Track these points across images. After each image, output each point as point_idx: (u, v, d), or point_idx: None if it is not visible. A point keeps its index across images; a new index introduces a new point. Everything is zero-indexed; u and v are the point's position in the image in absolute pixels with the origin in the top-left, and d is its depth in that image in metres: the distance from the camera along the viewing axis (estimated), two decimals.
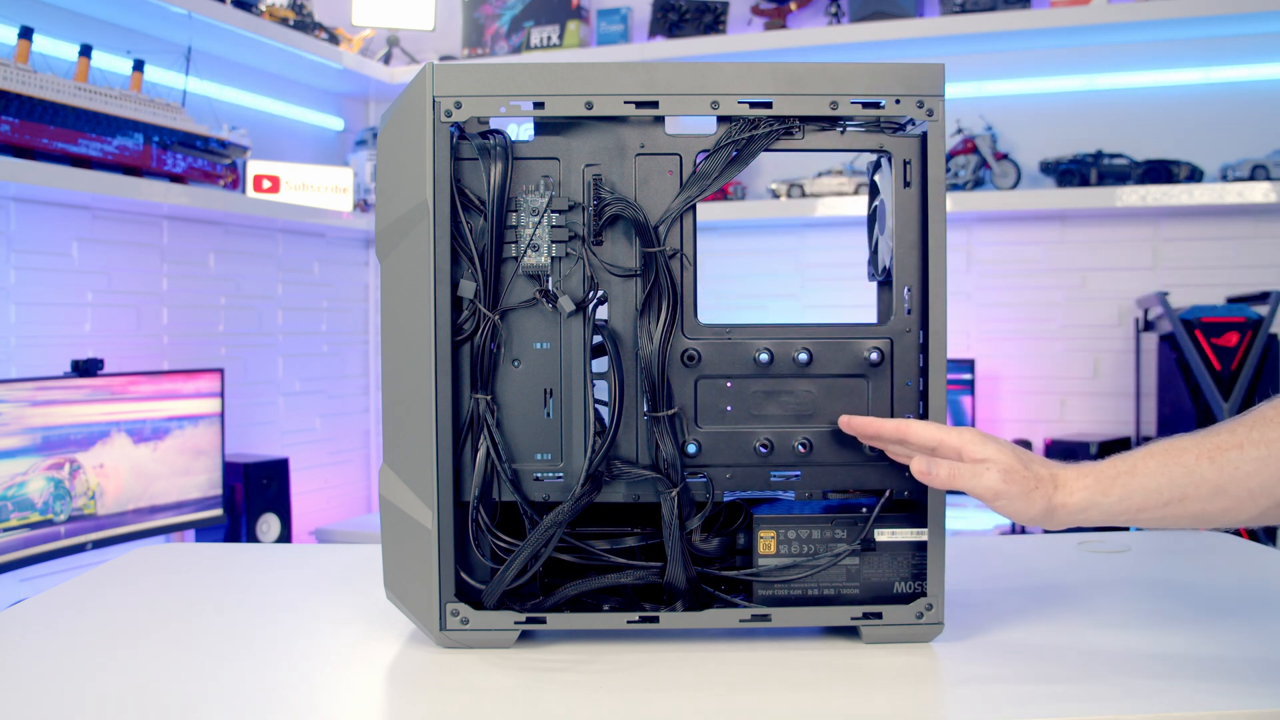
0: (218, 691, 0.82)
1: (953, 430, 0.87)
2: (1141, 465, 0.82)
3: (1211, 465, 0.80)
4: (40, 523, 2.18)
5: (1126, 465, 0.83)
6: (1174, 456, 0.82)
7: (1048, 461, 0.86)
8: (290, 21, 2.89)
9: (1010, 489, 0.83)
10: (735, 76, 0.90)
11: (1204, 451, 0.81)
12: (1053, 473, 0.85)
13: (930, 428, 0.87)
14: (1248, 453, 0.79)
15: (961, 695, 0.82)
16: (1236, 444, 0.80)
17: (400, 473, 0.91)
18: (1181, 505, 0.81)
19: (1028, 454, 0.86)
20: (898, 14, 2.92)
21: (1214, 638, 0.93)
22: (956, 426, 0.87)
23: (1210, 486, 0.80)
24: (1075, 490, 0.83)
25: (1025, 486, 0.83)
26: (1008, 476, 0.83)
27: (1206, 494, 0.80)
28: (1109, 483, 0.83)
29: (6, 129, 2.07)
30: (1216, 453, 0.80)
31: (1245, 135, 2.84)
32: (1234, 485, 0.80)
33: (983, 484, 0.84)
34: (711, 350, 0.92)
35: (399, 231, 0.90)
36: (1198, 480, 0.80)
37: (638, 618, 0.91)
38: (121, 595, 1.10)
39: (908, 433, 0.88)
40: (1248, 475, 0.79)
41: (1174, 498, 0.81)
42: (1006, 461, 0.84)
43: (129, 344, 2.63)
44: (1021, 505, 0.83)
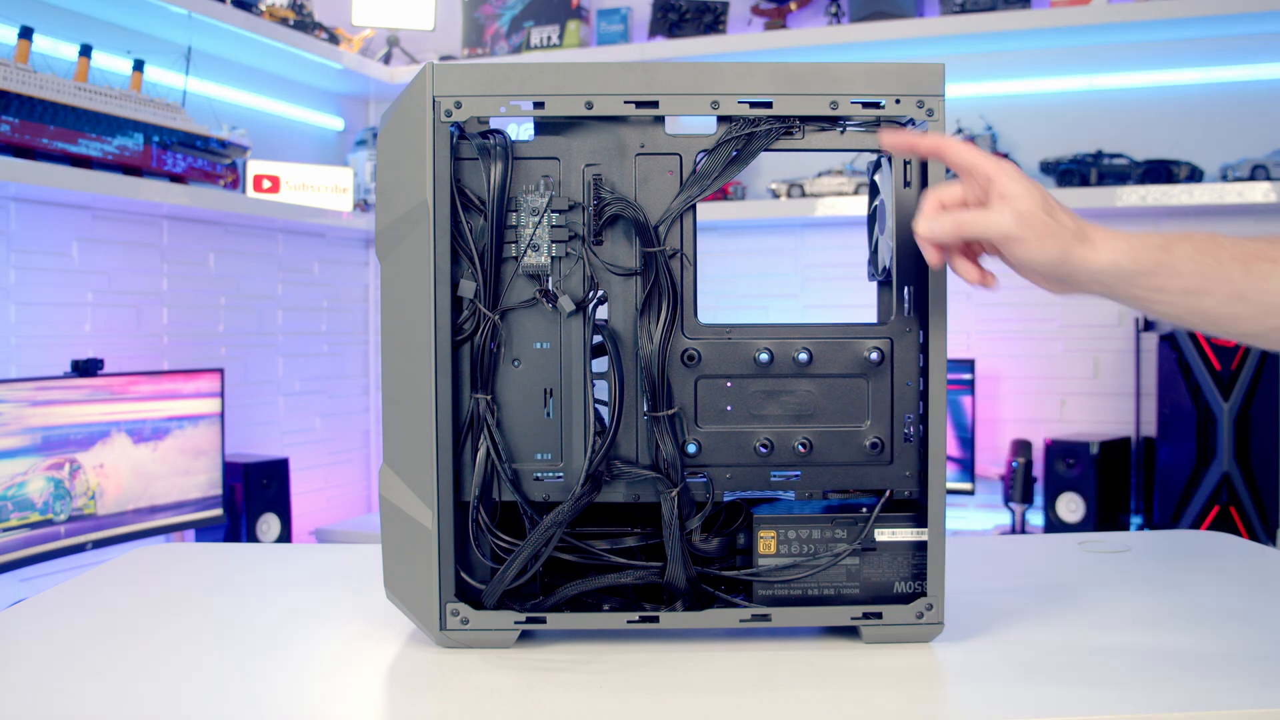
0: (217, 691, 0.82)
1: (990, 160, 0.84)
2: (1176, 246, 0.81)
3: (1242, 269, 0.79)
4: (40, 523, 2.18)
5: (1161, 241, 0.81)
6: (1209, 250, 0.80)
7: (1078, 216, 0.83)
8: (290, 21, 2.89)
9: (1024, 233, 0.81)
10: (735, 76, 0.90)
11: (1239, 255, 0.80)
12: (1081, 226, 0.82)
13: (967, 149, 0.84)
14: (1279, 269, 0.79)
15: (961, 695, 0.83)
16: (1273, 258, 0.79)
17: (400, 473, 0.91)
18: (1199, 298, 0.80)
19: (1059, 204, 0.83)
20: (898, 14, 2.92)
21: (1214, 637, 0.93)
22: (997, 158, 0.84)
23: (1234, 289, 0.80)
24: (1104, 248, 0.81)
25: (1041, 231, 0.81)
26: (1023, 220, 0.81)
27: (1226, 294, 0.80)
28: (1140, 251, 0.81)
29: (6, 129, 2.07)
30: (1251, 260, 0.80)
31: (1245, 135, 2.84)
32: (1255, 295, 0.79)
33: (995, 225, 0.82)
34: (711, 350, 0.92)
35: (399, 231, 0.90)
36: (1223, 279, 0.80)
37: (638, 618, 0.91)
38: (121, 595, 1.10)
39: (944, 148, 0.86)
40: (1273, 291, 0.79)
41: (1195, 288, 0.80)
42: (1027, 205, 0.81)
43: (129, 344, 2.63)
44: (1035, 249, 0.81)
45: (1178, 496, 2.67)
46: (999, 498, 3.01)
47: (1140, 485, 2.86)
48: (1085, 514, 2.72)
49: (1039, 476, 2.86)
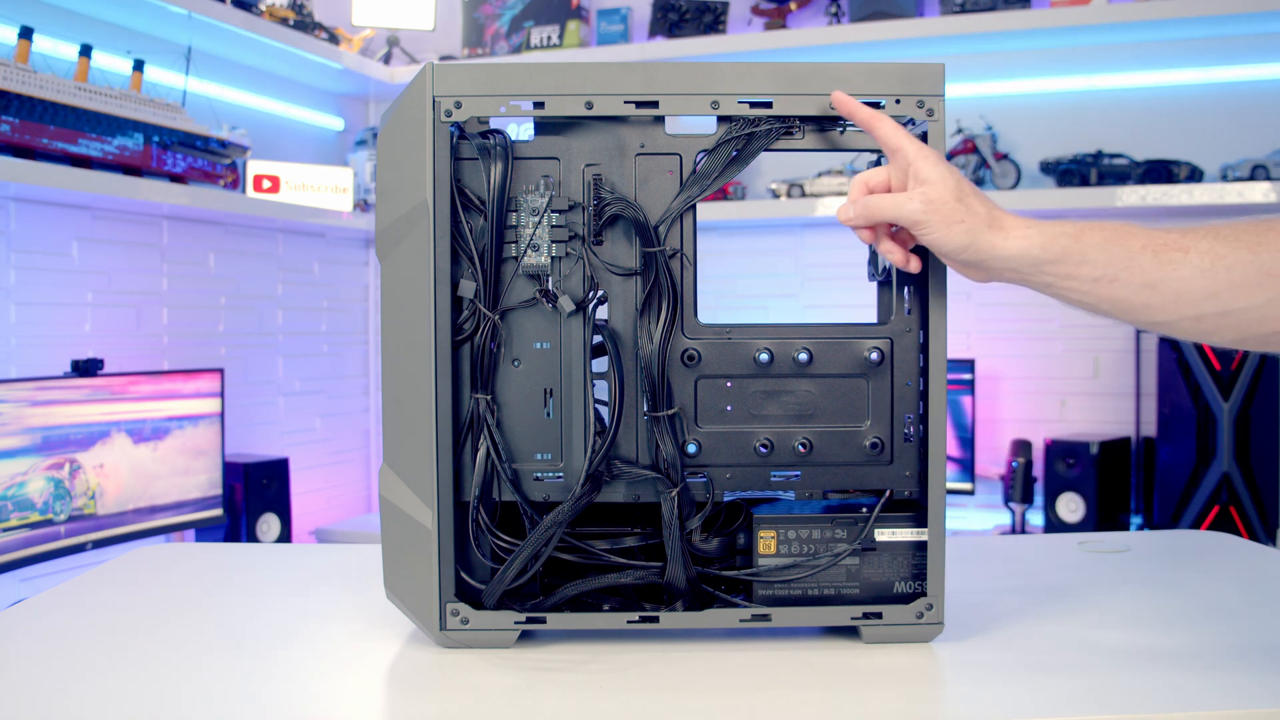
0: (217, 691, 0.82)
1: (913, 143, 0.86)
2: (1088, 235, 0.82)
3: (1153, 258, 0.80)
4: (40, 523, 2.18)
5: (1073, 229, 0.83)
6: (1121, 238, 0.82)
7: (991, 203, 0.85)
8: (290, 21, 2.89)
9: (930, 218, 0.84)
10: (735, 76, 0.90)
11: (1150, 243, 0.81)
12: (993, 214, 0.84)
13: (894, 130, 0.87)
14: (1190, 259, 0.80)
15: (961, 695, 0.83)
16: (1183, 247, 0.80)
17: (400, 473, 0.91)
18: (1110, 286, 0.82)
19: (973, 189, 0.85)
20: (898, 14, 2.92)
21: (1214, 637, 0.93)
22: (921, 142, 0.87)
23: (1144, 278, 0.81)
24: (1014, 235, 0.83)
25: (948, 218, 0.83)
26: (930, 206, 0.84)
27: (1138, 283, 0.81)
28: (1050, 239, 0.82)
29: (6, 129, 2.07)
30: (1162, 249, 0.81)
31: (1245, 135, 2.84)
32: (1165, 285, 0.80)
33: (903, 210, 0.85)
34: (711, 350, 0.92)
35: (399, 231, 0.90)
36: (1134, 267, 0.81)
37: (638, 618, 0.91)
38: (121, 595, 1.10)
39: (874, 124, 0.88)
40: (1182, 279, 0.80)
41: (1106, 276, 0.81)
42: (938, 192, 0.84)
43: (129, 344, 2.63)
44: (942, 235, 0.84)
45: (1178, 496, 2.67)
46: (999, 498, 3.01)
47: (1140, 485, 2.86)
48: (1085, 514, 2.72)
49: (1039, 476, 2.86)
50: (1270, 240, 0.79)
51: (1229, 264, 0.79)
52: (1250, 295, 0.79)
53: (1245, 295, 0.79)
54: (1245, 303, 0.79)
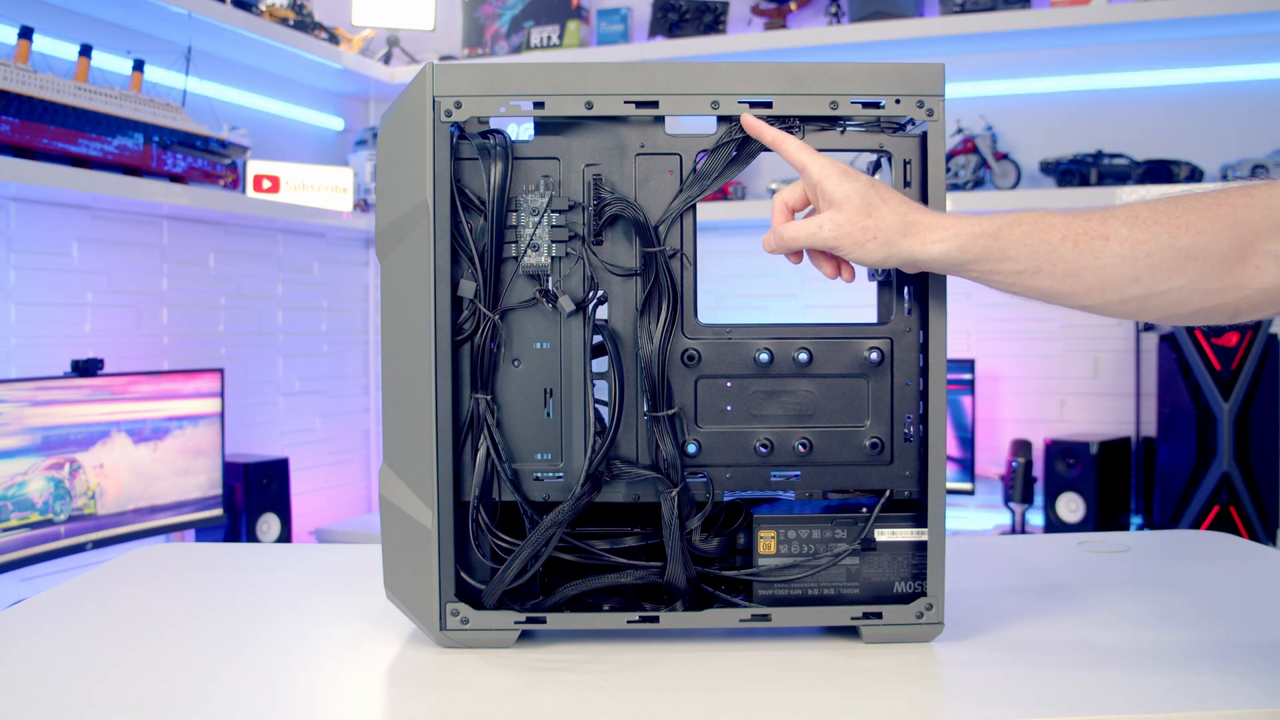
0: (218, 691, 0.82)
1: (817, 159, 0.88)
2: (1007, 231, 0.83)
3: (1074, 249, 0.82)
4: (40, 523, 2.18)
5: (992, 227, 0.83)
6: (1041, 231, 0.83)
7: (905, 206, 0.86)
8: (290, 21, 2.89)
9: (843, 242, 0.86)
10: (735, 76, 0.90)
11: (1070, 234, 0.82)
12: (907, 219, 0.85)
13: (798, 149, 0.89)
14: (1111, 246, 0.81)
15: (961, 695, 0.82)
16: (1103, 235, 0.81)
17: (400, 473, 0.91)
18: (1034, 278, 0.83)
19: (883, 196, 0.86)
20: (898, 14, 2.92)
21: (1214, 637, 0.93)
22: (826, 155, 0.88)
23: (1066, 268, 0.82)
24: (932, 241, 0.84)
25: (859, 238, 0.85)
26: (840, 230, 0.86)
27: (1060, 273, 0.82)
28: (969, 240, 0.84)
29: (6, 129, 2.07)
30: (1082, 239, 0.82)
31: (1245, 135, 2.84)
32: (1087, 273, 0.82)
33: (817, 238, 0.87)
34: (711, 350, 0.92)
35: (399, 231, 0.90)
36: (1056, 259, 0.82)
37: (638, 618, 0.91)
38: (121, 595, 1.10)
39: (779, 144, 0.90)
40: (1103, 267, 0.81)
41: (1029, 269, 0.83)
42: (846, 214, 0.86)
43: (129, 344, 2.63)
44: (859, 254, 0.86)
45: (1178, 496, 2.67)
46: (999, 498, 3.01)
47: (1140, 485, 2.86)
48: (1085, 514, 2.72)
49: (1039, 476, 2.86)
50: (1188, 221, 0.80)
51: (1148, 249, 0.80)
52: (1171, 278, 0.80)
53: (1166, 278, 0.80)
54: (1167, 285, 0.81)
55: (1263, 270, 0.79)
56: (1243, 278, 0.79)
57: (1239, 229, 0.79)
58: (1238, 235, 0.78)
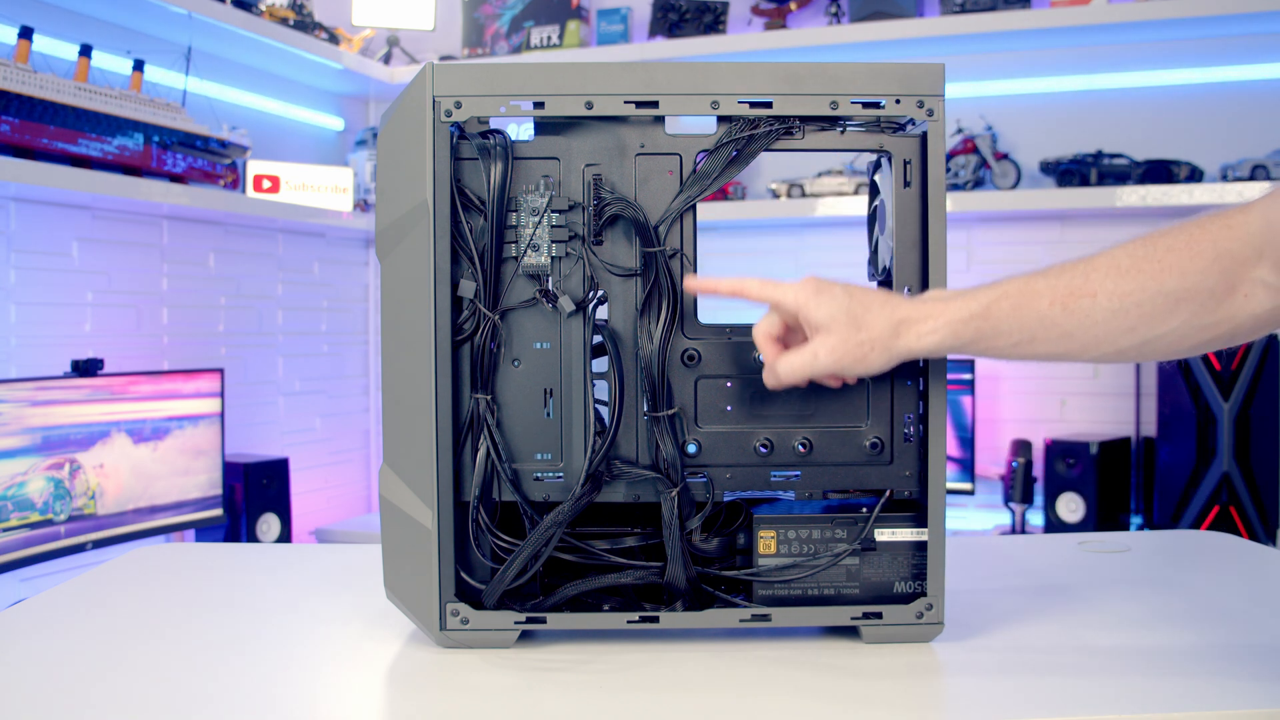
0: (218, 691, 0.82)
1: (787, 289, 0.87)
2: (995, 308, 0.83)
3: (1064, 312, 0.82)
4: (40, 523, 2.18)
5: (980, 307, 0.83)
6: (1028, 300, 0.83)
7: (889, 306, 0.85)
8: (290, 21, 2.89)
9: (842, 363, 0.85)
10: (735, 76, 0.90)
11: (1057, 296, 0.82)
12: (895, 317, 0.85)
13: (765, 287, 0.88)
14: (1100, 303, 0.81)
15: (961, 695, 0.82)
16: (1090, 293, 0.82)
17: (400, 473, 0.91)
18: (1030, 346, 0.84)
19: (865, 303, 0.85)
20: (898, 14, 2.92)
21: (1214, 637, 0.93)
22: (792, 285, 0.87)
23: (1059, 331, 0.83)
24: (925, 334, 0.84)
25: (858, 354, 0.85)
26: (835, 354, 0.85)
27: (1055, 337, 0.83)
28: (961, 326, 0.84)
29: (6, 129, 2.07)
30: (1070, 299, 0.82)
31: (1245, 135, 2.84)
32: (1082, 332, 0.82)
33: (818, 367, 0.86)
34: (711, 350, 0.92)
35: (399, 231, 0.90)
36: (1049, 325, 0.83)
37: (638, 618, 0.91)
38: (121, 595, 1.10)
39: (743, 289, 0.89)
40: (1095, 324, 0.82)
41: (1024, 339, 0.83)
42: (836, 338, 0.85)
43: (129, 344, 2.63)
44: (860, 370, 0.86)
45: (1178, 496, 2.67)
46: (999, 498, 3.01)
47: (1140, 485, 2.86)
48: (1085, 514, 2.72)
49: (1039, 476, 2.86)
50: (1170, 263, 0.80)
51: (1137, 299, 0.81)
52: (1165, 322, 0.81)
53: (1160, 323, 0.81)
54: (1162, 329, 0.81)
55: (1251, 298, 0.80)
56: (1233, 308, 0.80)
57: (1222, 262, 0.79)
58: (1222, 269, 0.79)
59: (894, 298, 0.86)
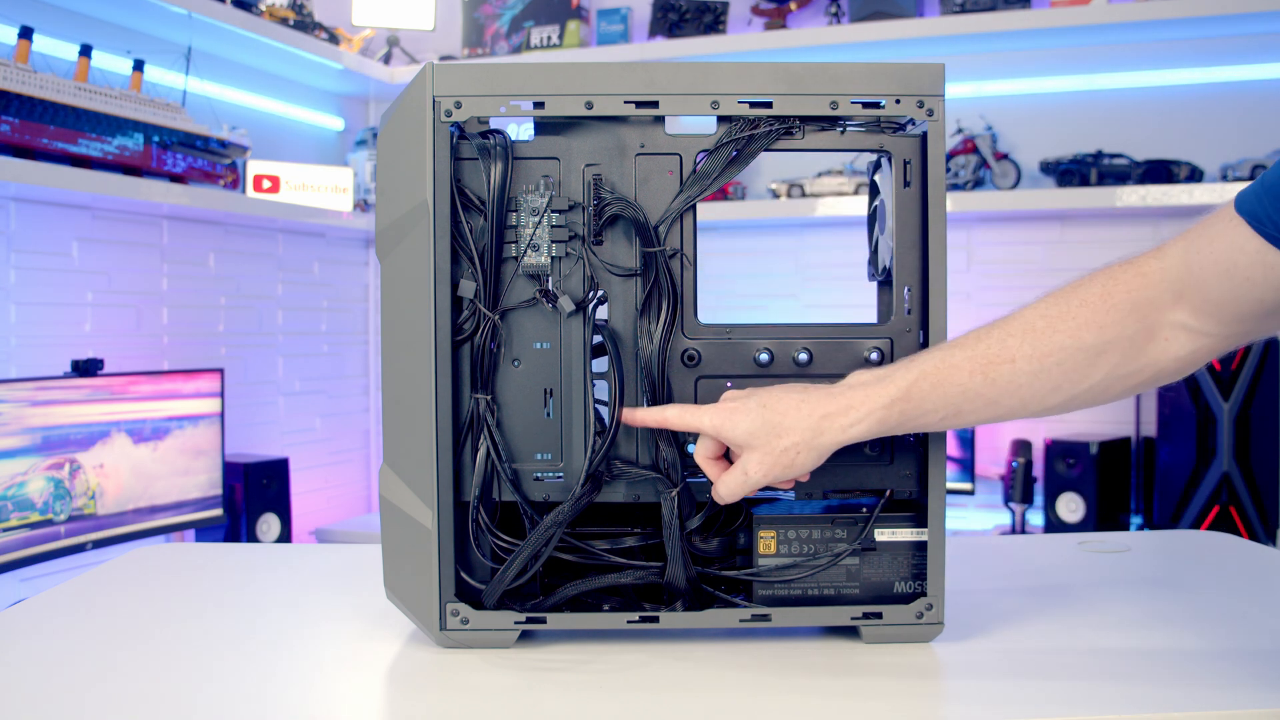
0: (217, 691, 0.82)
1: (703, 414, 0.87)
2: (916, 389, 0.83)
3: (985, 380, 0.82)
4: (40, 523, 2.18)
5: (900, 390, 0.83)
6: (948, 376, 0.83)
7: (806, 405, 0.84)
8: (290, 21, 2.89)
9: (775, 474, 0.85)
10: (735, 76, 0.90)
11: (977, 367, 0.82)
12: (816, 417, 0.84)
13: (684, 415, 0.88)
14: (1020, 367, 0.82)
15: (961, 695, 0.82)
16: (1009, 358, 0.82)
17: (400, 473, 0.91)
18: (957, 418, 0.84)
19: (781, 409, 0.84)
20: (898, 14, 2.92)
21: (1214, 638, 0.93)
22: (708, 409, 0.87)
23: (984, 400, 0.83)
24: (849, 425, 0.84)
25: (785, 461, 0.84)
26: (765, 467, 0.85)
27: (980, 406, 0.83)
28: (884, 414, 0.84)
29: (6, 129, 2.07)
30: (990, 367, 0.82)
31: (1245, 135, 2.84)
32: (1006, 398, 0.83)
33: (753, 483, 0.85)
34: (711, 350, 0.92)
35: (399, 231, 0.90)
36: (972, 396, 0.83)
37: (638, 618, 0.91)
38: (121, 595, 1.10)
39: (664, 421, 0.89)
40: (1019, 388, 0.82)
41: (950, 413, 0.84)
42: (760, 450, 0.84)
43: (129, 344, 2.63)
44: (794, 474, 0.86)
45: (1178, 496, 2.67)
46: (999, 498, 3.01)
47: (1140, 485, 2.86)
48: (1085, 514, 2.72)
49: (1039, 476, 2.86)
50: (1086, 319, 0.81)
51: (1057, 359, 0.81)
52: (1088, 376, 0.82)
53: (1083, 378, 0.82)
54: (1086, 384, 0.82)
55: (1172, 341, 0.81)
56: (1155, 354, 0.81)
57: (1139, 310, 0.80)
58: (1140, 317, 0.80)
59: (810, 394, 0.85)
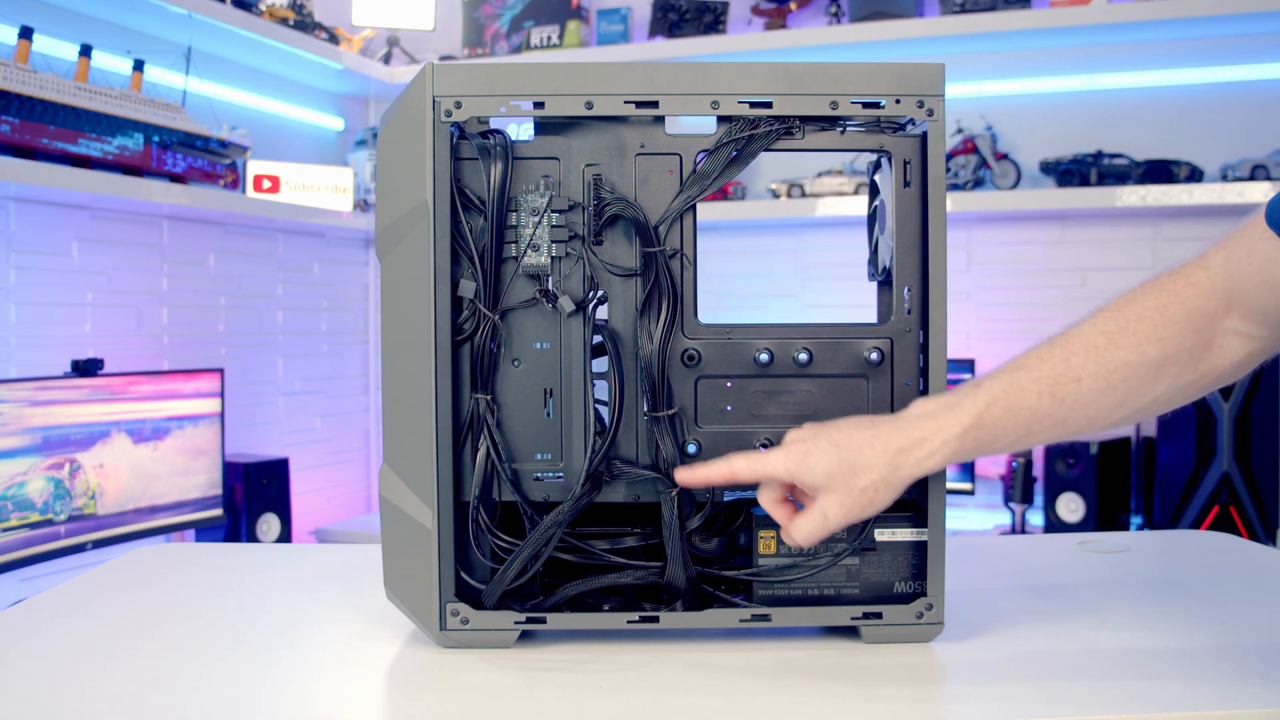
0: (217, 691, 0.82)
1: (776, 460, 0.86)
2: (988, 416, 0.83)
3: (1053, 400, 0.83)
4: (40, 523, 2.18)
5: (972, 418, 0.83)
6: (1018, 399, 0.83)
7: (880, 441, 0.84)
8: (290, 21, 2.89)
9: (854, 514, 0.85)
10: (735, 76, 0.90)
11: (1045, 388, 0.83)
12: (890, 452, 0.83)
13: (754, 464, 0.87)
14: (1086, 385, 0.82)
15: (961, 695, 0.82)
16: (1075, 378, 0.83)
17: (400, 473, 0.91)
18: (1028, 440, 0.85)
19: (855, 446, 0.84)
20: (898, 14, 2.92)
21: (1214, 638, 0.93)
22: (778, 453, 0.86)
23: (1052, 420, 0.84)
24: (925, 458, 0.84)
25: (864, 501, 0.84)
26: (845, 508, 0.84)
27: (1048, 427, 0.84)
28: (958, 443, 0.84)
29: (6, 129, 2.07)
30: (1057, 387, 0.83)
31: (1245, 135, 2.84)
32: (1074, 415, 0.83)
33: (832, 527, 0.85)
34: (711, 350, 0.92)
35: (399, 231, 0.90)
36: (1041, 417, 0.83)
37: (638, 618, 0.91)
38: (121, 595, 1.10)
39: (733, 474, 0.87)
40: (1086, 405, 0.83)
41: (1021, 436, 0.84)
42: (839, 491, 0.84)
43: (129, 344, 2.63)
44: (873, 512, 0.85)
45: (1178, 496, 2.67)
46: (999, 498, 3.01)
47: (1140, 485, 2.86)
48: (1085, 514, 2.72)
49: (1039, 476, 2.86)
50: (1146, 332, 0.82)
51: (1122, 375, 0.82)
52: (1152, 390, 0.83)
53: (1147, 391, 0.83)
54: (1150, 398, 0.83)
55: (1227, 348, 0.82)
56: (1213, 361, 0.83)
57: (1194, 321, 0.81)
58: (1196, 328, 0.81)
59: (879, 427, 0.85)
